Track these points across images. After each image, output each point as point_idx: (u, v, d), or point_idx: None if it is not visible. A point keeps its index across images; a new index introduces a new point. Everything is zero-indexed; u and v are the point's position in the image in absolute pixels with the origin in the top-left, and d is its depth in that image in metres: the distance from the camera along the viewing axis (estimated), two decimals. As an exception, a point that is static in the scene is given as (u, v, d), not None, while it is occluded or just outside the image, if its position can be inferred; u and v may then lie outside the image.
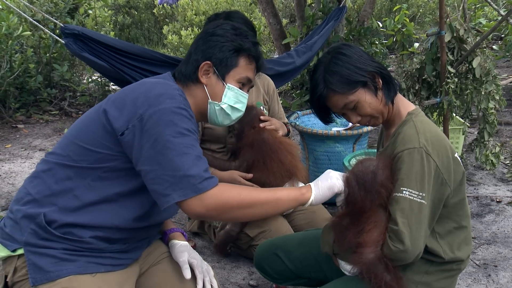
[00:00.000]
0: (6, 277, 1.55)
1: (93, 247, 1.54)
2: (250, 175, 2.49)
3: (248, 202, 1.50)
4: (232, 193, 1.49)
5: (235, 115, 1.77)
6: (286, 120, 2.95)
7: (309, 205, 1.60)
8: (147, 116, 1.46)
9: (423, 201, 1.54)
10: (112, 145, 1.51)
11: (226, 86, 1.70)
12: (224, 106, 1.71)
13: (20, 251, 1.51)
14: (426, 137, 1.59)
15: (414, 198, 1.53)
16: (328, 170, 1.68)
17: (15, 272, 1.52)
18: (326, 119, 1.85)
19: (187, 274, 1.63)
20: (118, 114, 1.50)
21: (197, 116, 1.72)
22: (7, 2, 3.30)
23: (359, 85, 1.67)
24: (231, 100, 1.71)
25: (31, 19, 3.24)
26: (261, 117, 2.56)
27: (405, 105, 1.75)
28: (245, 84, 1.76)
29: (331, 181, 1.60)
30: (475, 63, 3.12)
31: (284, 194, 1.56)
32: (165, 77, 1.70)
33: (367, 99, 1.68)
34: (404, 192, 1.54)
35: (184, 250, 1.74)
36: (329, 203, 2.92)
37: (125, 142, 1.49)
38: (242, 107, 1.76)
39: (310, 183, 1.63)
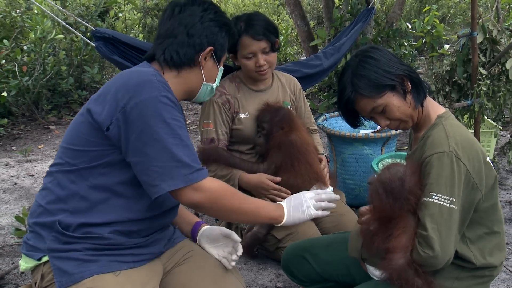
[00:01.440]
0: (35, 284, 1.60)
1: (113, 242, 1.57)
2: (279, 179, 2.50)
3: (234, 204, 1.62)
4: (223, 187, 1.60)
5: (214, 91, 1.90)
6: (313, 120, 2.94)
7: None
8: (129, 108, 1.48)
9: (453, 206, 1.52)
10: (103, 141, 1.53)
11: (220, 69, 1.83)
12: (214, 86, 1.83)
13: (45, 258, 1.56)
14: (456, 140, 1.57)
15: (444, 203, 1.51)
16: (302, 195, 1.78)
17: (43, 278, 1.57)
18: (355, 123, 1.84)
19: (236, 238, 1.78)
20: (101, 110, 1.52)
21: (182, 95, 1.76)
22: (42, 7, 3.38)
23: (387, 88, 1.66)
24: (218, 81, 1.86)
25: (64, 23, 3.31)
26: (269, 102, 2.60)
27: (434, 108, 1.73)
28: None
29: (301, 215, 1.75)
30: (508, 65, 3.07)
31: (263, 212, 1.70)
32: (142, 64, 1.72)
33: (395, 102, 1.67)
34: (433, 197, 1.52)
35: (215, 227, 1.87)
36: (357, 206, 2.92)
37: (112, 136, 1.51)
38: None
39: (284, 206, 1.75)
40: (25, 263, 1.61)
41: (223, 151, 2.58)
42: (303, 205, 1.75)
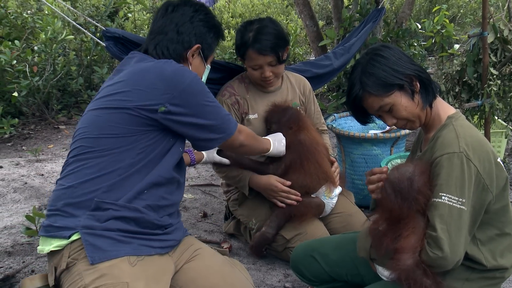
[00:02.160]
0: (55, 269, 1.64)
1: (146, 218, 1.69)
2: (289, 182, 2.51)
3: (256, 138, 2.19)
4: (246, 128, 2.10)
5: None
6: (323, 121, 2.94)
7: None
8: (181, 89, 1.70)
9: (463, 207, 1.51)
10: (143, 126, 1.70)
11: (207, 67, 2.03)
12: None
13: (75, 237, 1.61)
14: (467, 141, 1.57)
15: (454, 204, 1.51)
16: (280, 134, 2.46)
17: (69, 256, 1.61)
18: (363, 120, 1.84)
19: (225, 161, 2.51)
20: (141, 100, 1.68)
21: None
22: (53, 7, 3.40)
23: (395, 88, 1.66)
24: (205, 78, 2.06)
25: (74, 23, 3.33)
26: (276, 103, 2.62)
27: (444, 108, 1.73)
28: None
29: (281, 148, 2.42)
30: None
31: (265, 143, 2.32)
32: (144, 57, 1.85)
33: (403, 102, 1.67)
34: (443, 197, 1.53)
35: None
36: (366, 207, 2.92)
37: (160, 117, 1.69)
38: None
39: (270, 140, 2.37)
40: (49, 245, 1.65)
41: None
42: (282, 142, 2.42)
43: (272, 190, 2.52)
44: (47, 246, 1.65)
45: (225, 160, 2.50)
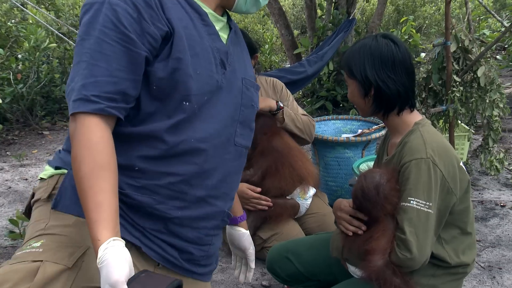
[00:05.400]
0: (33, 195, 1.43)
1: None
2: (259, 189, 2.54)
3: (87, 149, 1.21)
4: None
5: (264, 2, 1.55)
6: (302, 111, 2.91)
7: None
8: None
9: (430, 211, 1.55)
10: None
11: None
12: None
13: (62, 171, 1.37)
14: (433, 147, 1.59)
15: (421, 208, 1.54)
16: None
17: (55, 188, 1.35)
18: None
19: (253, 265, 1.82)
20: None
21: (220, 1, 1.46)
22: (36, 17, 3.49)
23: (355, 78, 1.71)
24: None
25: (57, 32, 3.41)
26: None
27: (413, 114, 1.75)
28: None
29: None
30: (479, 72, 3.14)
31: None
32: None
33: (355, 92, 1.73)
34: (411, 202, 1.55)
35: (250, 241, 1.83)
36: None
37: None
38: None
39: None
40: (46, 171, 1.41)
41: None
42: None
43: (243, 197, 2.53)
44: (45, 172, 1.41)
45: None
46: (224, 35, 1.45)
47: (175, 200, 1.36)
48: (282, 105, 2.69)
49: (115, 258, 1.05)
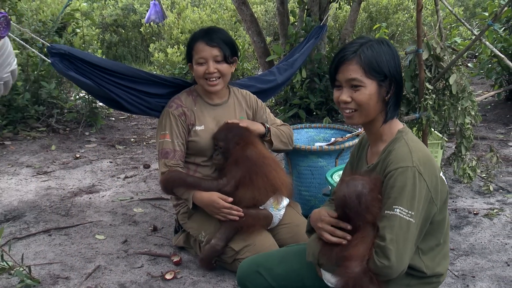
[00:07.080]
0: None
1: None
2: (231, 199, 2.54)
3: None
4: None
5: None
6: (279, 122, 2.98)
7: None
8: None
9: (412, 220, 1.56)
10: None
11: None
12: None
13: None
14: (419, 156, 1.61)
15: (404, 216, 1.55)
16: None
17: None
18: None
19: None
20: None
21: None
22: (-5, 22, 3.32)
23: (379, 77, 1.67)
24: None
25: (18, 39, 3.28)
26: (229, 121, 2.65)
27: (393, 122, 1.76)
28: None
29: None
30: (451, 80, 3.17)
31: None
32: None
33: (372, 92, 1.67)
34: (395, 210, 1.56)
35: None
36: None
37: None
38: None
39: None
40: None
41: (183, 173, 2.62)
42: None
43: (214, 207, 2.55)
44: None
45: None
46: None
47: None
48: (268, 126, 2.80)
49: None
